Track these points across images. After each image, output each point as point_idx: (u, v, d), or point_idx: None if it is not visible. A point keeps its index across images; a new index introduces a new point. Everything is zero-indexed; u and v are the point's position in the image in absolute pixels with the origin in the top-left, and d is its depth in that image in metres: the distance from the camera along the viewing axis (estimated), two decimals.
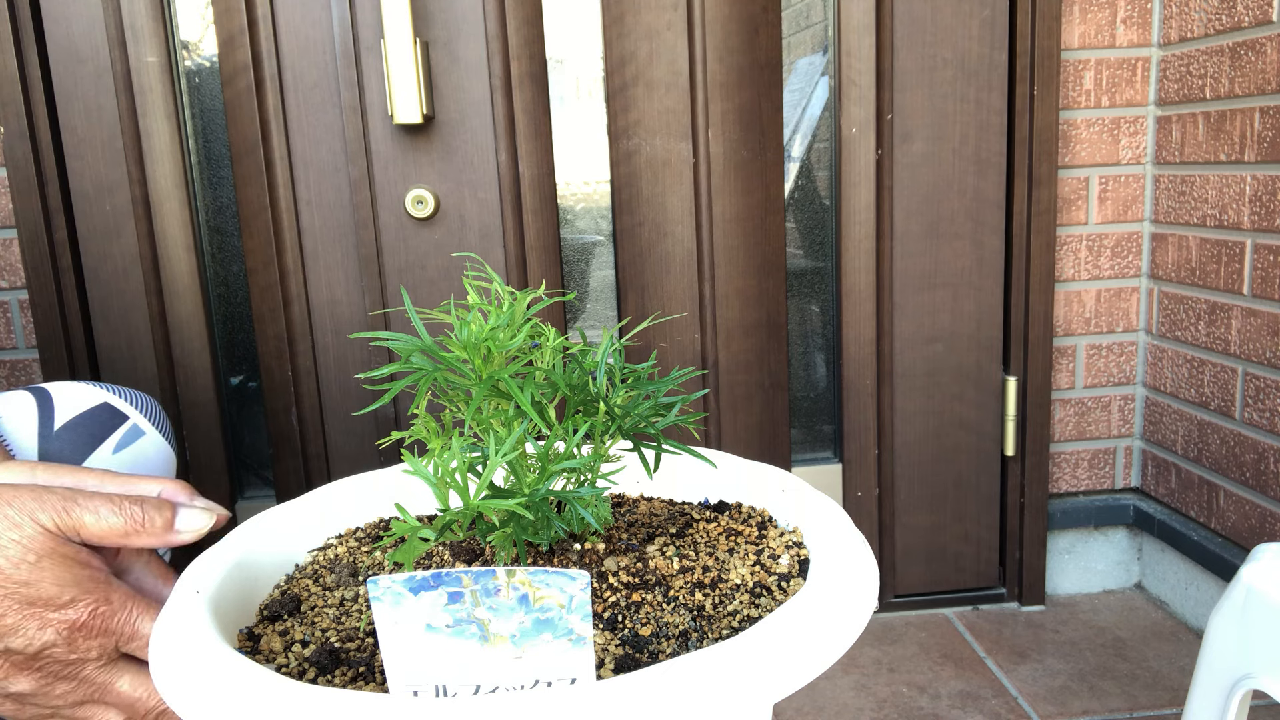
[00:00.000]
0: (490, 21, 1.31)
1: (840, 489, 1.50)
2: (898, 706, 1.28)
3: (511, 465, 0.46)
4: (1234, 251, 1.32)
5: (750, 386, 1.46)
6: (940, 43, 1.38)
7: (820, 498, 0.55)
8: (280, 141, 1.32)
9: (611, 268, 1.46)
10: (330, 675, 0.43)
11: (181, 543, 0.53)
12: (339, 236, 1.36)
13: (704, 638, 0.44)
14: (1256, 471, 1.31)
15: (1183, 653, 1.39)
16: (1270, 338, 1.27)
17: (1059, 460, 1.54)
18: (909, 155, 1.40)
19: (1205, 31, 1.34)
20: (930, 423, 1.48)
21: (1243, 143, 1.29)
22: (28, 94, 1.27)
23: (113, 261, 1.34)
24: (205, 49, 1.36)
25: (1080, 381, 1.52)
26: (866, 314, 1.45)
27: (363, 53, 1.31)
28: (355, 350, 1.39)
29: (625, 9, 1.34)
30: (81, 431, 0.76)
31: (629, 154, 1.38)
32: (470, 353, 0.48)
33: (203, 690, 0.39)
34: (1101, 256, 1.49)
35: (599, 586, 0.47)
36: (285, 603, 0.50)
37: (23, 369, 1.36)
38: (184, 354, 1.38)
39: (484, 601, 0.37)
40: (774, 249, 1.42)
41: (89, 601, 0.50)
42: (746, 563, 0.50)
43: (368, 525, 0.60)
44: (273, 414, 1.39)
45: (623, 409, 0.50)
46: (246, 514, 1.45)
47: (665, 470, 0.62)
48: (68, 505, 0.50)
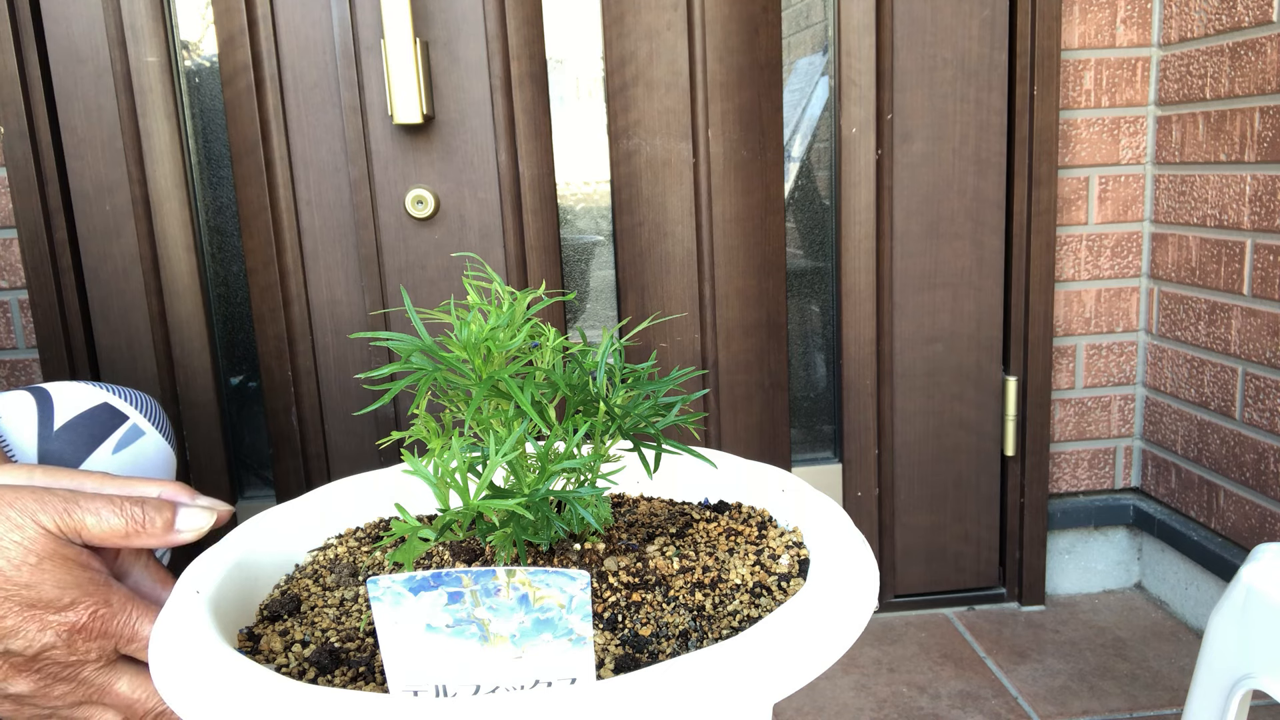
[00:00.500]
0: (490, 21, 1.31)
1: (840, 489, 1.50)
2: (898, 706, 1.28)
3: (511, 465, 0.46)
4: (1234, 251, 1.32)
5: (750, 386, 1.46)
6: (940, 43, 1.38)
7: (820, 498, 0.55)
8: (280, 141, 1.32)
9: (611, 268, 1.46)
10: (330, 675, 0.43)
11: (183, 542, 0.53)
12: (339, 236, 1.36)
13: (704, 638, 0.44)
14: (1256, 471, 1.31)
15: (1183, 653, 1.39)
16: (1270, 338, 1.27)
17: (1059, 460, 1.54)
18: (909, 155, 1.40)
19: (1205, 31, 1.34)
20: (930, 423, 1.48)
21: (1243, 143, 1.29)
22: (28, 94, 1.27)
23: (113, 261, 1.34)
24: (205, 49, 1.36)
25: (1080, 381, 1.52)
26: (866, 314, 1.45)
27: (363, 53, 1.31)
28: (355, 350, 1.39)
29: (625, 9, 1.34)
30: (81, 431, 0.76)
31: (629, 154, 1.38)
32: (470, 353, 0.48)
33: (203, 690, 0.39)
34: (1101, 256, 1.49)
35: (599, 586, 0.47)
36: (285, 603, 0.50)
37: (23, 369, 1.36)
38: (184, 354, 1.38)
39: (484, 601, 0.37)
40: (774, 249, 1.42)
41: (89, 604, 0.50)
42: (746, 563, 0.50)
43: (368, 525, 0.60)
44: (273, 414, 1.39)
45: (623, 409, 0.50)
46: (246, 514, 1.45)
47: (665, 470, 0.62)
48: (69, 507, 0.50)
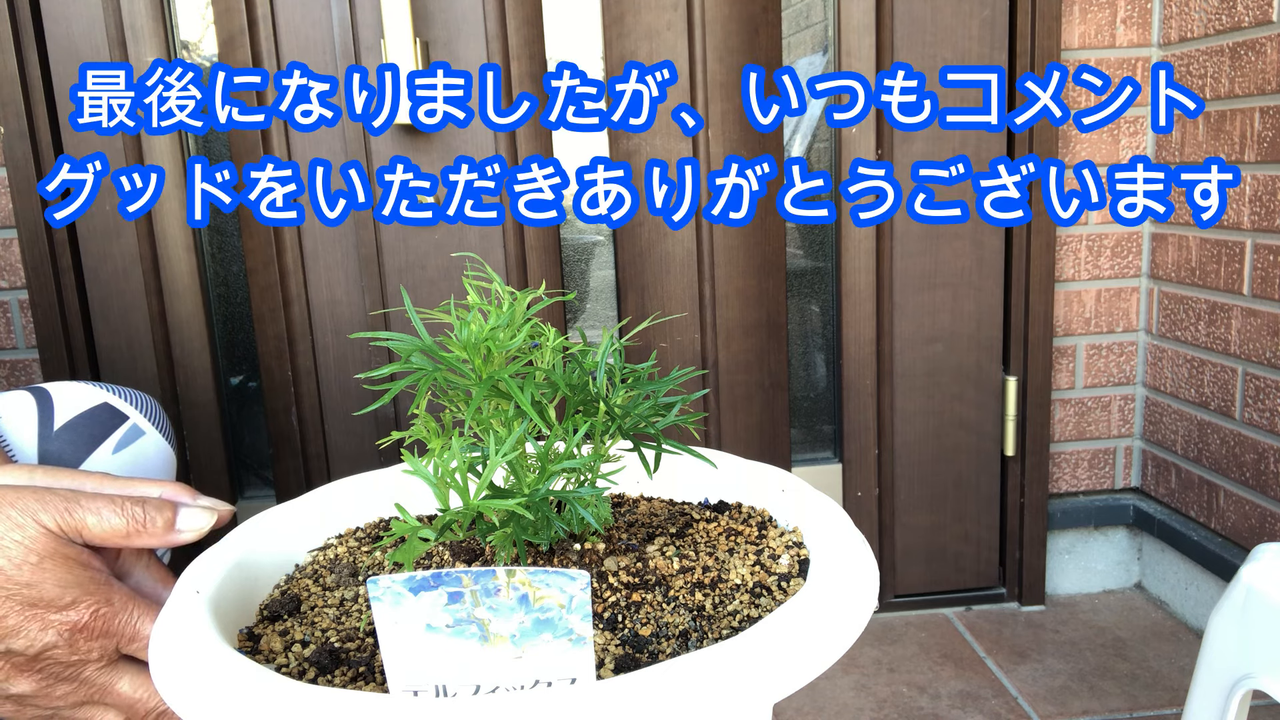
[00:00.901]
0: (490, 21, 1.32)
1: (840, 489, 1.50)
2: (898, 706, 1.28)
3: (511, 465, 0.46)
4: (1234, 251, 1.32)
5: (750, 386, 1.46)
6: (940, 43, 1.38)
7: (820, 498, 0.55)
8: (280, 141, 1.32)
9: (611, 268, 1.46)
10: (330, 675, 0.43)
11: (183, 542, 0.54)
12: (339, 236, 1.36)
13: (704, 638, 0.44)
14: (1256, 471, 1.31)
15: (1183, 653, 1.39)
16: (1270, 338, 1.27)
17: (1059, 460, 1.54)
18: (909, 155, 1.40)
19: (1205, 31, 1.34)
20: (930, 423, 1.48)
21: (1243, 143, 1.29)
22: (28, 94, 1.27)
23: (113, 261, 1.34)
24: (205, 49, 1.36)
25: (1080, 381, 1.52)
26: (866, 314, 1.45)
27: (363, 53, 1.31)
28: (355, 350, 1.39)
29: (625, 9, 1.34)
30: (81, 431, 0.76)
31: (629, 154, 1.38)
32: (470, 353, 0.48)
33: (203, 690, 0.39)
34: (1101, 256, 1.49)
35: (599, 586, 0.47)
36: (285, 603, 0.50)
37: (23, 369, 1.36)
38: (184, 354, 1.38)
39: (484, 601, 0.37)
40: (774, 249, 1.42)
41: (90, 603, 0.50)
42: (746, 563, 0.50)
43: (368, 525, 0.60)
44: (273, 414, 1.39)
45: (623, 409, 0.50)
46: (246, 514, 1.45)
47: (665, 470, 0.62)
48: (70, 506, 0.50)
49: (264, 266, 1.35)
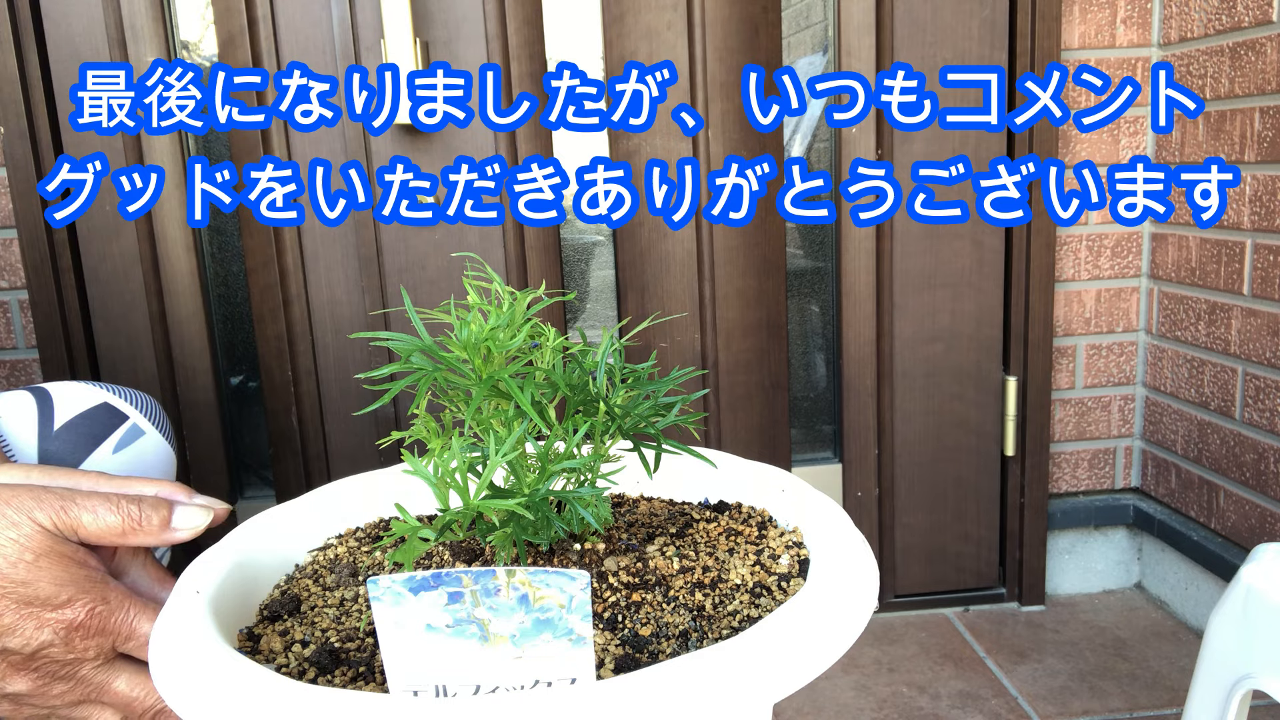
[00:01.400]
0: (490, 21, 1.31)
1: (840, 489, 1.50)
2: (898, 706, 1.28)
3: (511, 465, 0.46)
4: (1234, 251, 1.32)
5: (750, 387, 1.46)
6: (940, 43, 1.38)
7: (820, 498, 0.55)
8: (280, 141, 1.32)
9: (611, 268, 1.46)
10: (330, 675, 0.43)
11: (179, 540, 0.53)
12: (339, 236, 1.36)
13: (704, 638, 0.44)
14: (1256, 471, 1.31)
15: (1183, 653, 1.39)
16: (1270, 338, 1.27)
17: (1059, 460, 1.54)
18: (909, 155, 1.40)
19: (1205, 31, 1.34)
20: (930, 423, 1.48)
21: (1243, 143, 1.29)
22: (28, 94, 1.26)
23: (113, 261, 1.33)
24: (205, 49, 1.36)
25: (1080, 381, 1.52)
26: (866, 314, 1.45)
27: (363, 53, 1.31)
28: (355, 350, 1.39)
29: (625, 9, 1.34)
30: (81, 431, 0.76)
31: (629, 154, 1.38)
32: (470, 353, 0.48)
33: (203, 690, 0.39)
34: (1101, 256, 1.49)
35: (599, 586, 0.47)
36: (285, 603, 0.50)
37: (23, 369, 1.36)
38: (184, 354, 1.38)
39: (484, 601, 0.37)
40: (774, 249, 1.42)
41: (86, 601, 0.50)
42: (746, 563, 0.50)
43: (368, 525, 0.60)
44: (273, 414, 1.39)
45: (623, 409, 0.50)
46: (246, 514, 1.45)
47: (665, 470, 0.62)
48: (65, 504, 0.50)
49: (264, 266, 1.35)
